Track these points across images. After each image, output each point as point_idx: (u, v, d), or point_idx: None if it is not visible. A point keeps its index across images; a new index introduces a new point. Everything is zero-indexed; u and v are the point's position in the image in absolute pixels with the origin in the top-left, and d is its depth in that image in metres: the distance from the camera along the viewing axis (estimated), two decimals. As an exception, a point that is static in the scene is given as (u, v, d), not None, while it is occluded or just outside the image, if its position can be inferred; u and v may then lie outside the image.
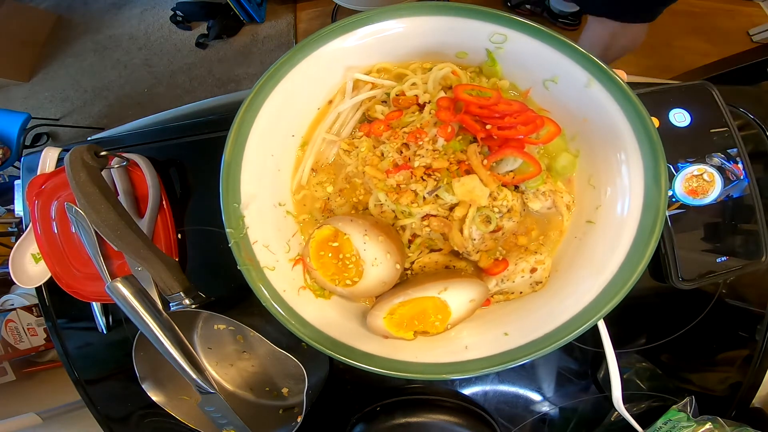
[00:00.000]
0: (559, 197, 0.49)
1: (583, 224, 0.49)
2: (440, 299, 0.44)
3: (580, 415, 0.61)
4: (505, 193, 0.47)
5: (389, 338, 0.46)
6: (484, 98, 0.46)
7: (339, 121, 0.53)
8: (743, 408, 0.60)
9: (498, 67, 0.50)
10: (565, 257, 0.50)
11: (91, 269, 0.59)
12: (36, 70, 2.44)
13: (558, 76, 0.47)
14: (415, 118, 0.50)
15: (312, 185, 0.53)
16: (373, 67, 0.53)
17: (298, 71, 0.48)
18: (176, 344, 0.47)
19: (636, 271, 0.42)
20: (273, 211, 0.50)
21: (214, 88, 2.19)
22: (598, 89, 0.44)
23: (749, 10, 1.98)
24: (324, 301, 0.49)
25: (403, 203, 0.46)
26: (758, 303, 0.59)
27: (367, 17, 0.47)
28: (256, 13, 2.14)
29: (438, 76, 0.51)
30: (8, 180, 1.89)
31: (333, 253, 0.46)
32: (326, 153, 0.54)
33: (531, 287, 0.50)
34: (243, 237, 0.46)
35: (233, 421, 0.52)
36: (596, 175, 0.48)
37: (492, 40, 0.47)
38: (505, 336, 0.46)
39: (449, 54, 0.51)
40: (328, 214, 0.53)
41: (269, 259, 0.47)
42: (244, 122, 0.47)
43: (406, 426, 0.56)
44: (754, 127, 0.60)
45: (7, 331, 1.09)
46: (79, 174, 0.50)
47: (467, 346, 0.46)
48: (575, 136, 0.50)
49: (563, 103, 0.49)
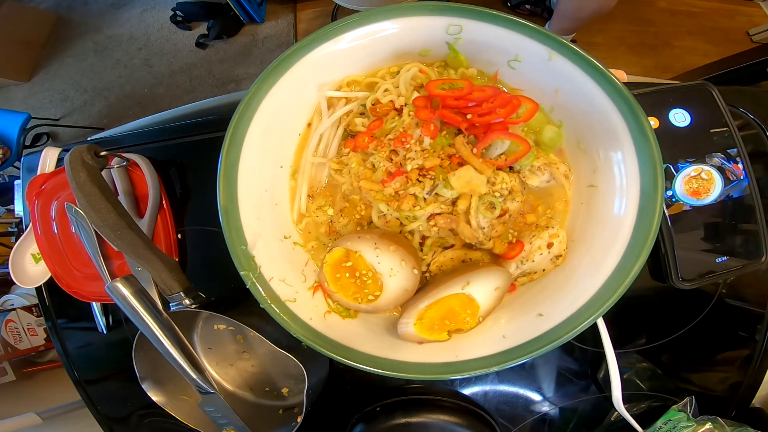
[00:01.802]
0: (555, 168, 0.50)
1: (585, 189, 0.50)
2: (465, 294, 0.44)
3: (580, 415, 0.61)
4: (501, 177, 0.47)
5: (424, 343, 0.45)
6: (457, 89, 0.47)
7: (323, 143, 0.53)
8: (743, 408, 0.60)
9: (461, 57, 0.51)
10: (577, 225, 0.50)
11: (91, 269, 0.59)
12: (36, 70, 2.44)
13: (520, 55, 0.48)
14: (396, 122, 0.50)
15: (312, 211, 0.53)
16: (342, 81, 0.53)
17: (270, 100, 0.48)
18: (176, 344, 0.47)
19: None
20: (281, 245, 0.50)
21: (214, 88, 2.19)
22: (561, 61, 0.46)
23: (749, 10, 1.98)
24: (352, 321, 0.49)
25: (405, 209, 0.46)
26: (758, 303, 0.59)
27: (326, 33, 0.47)
28: (256, 13, 2.14)
29: (407, 78, 0.51)
30: (8, 180, 1.89)
31: (349, 273, 0.46)
32: (318, 177, 0.54)
33: (552, 262, 0.49)
34: (258, 276, 0.45)
35: (233, 421, 0.52)
36: (585, 140, 0.49)
37: (449, 33, 0.48)
38: (540, 317, 0.45)
39: (413, 54, 0.52)
40: (334, 236, 0.52)
41: (288, 292, 0.47)
42: (229, 164, 0.46)
43: (406, 426, 0.56)
44: (754, 127, 0.60)
45: (7, 331, 1.09)
46: (79, 174, 0.50)
47: (504, 335, 0.45)
48: (553, 108, 0.51)
49: (533, 79, 0.50)
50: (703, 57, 1.87)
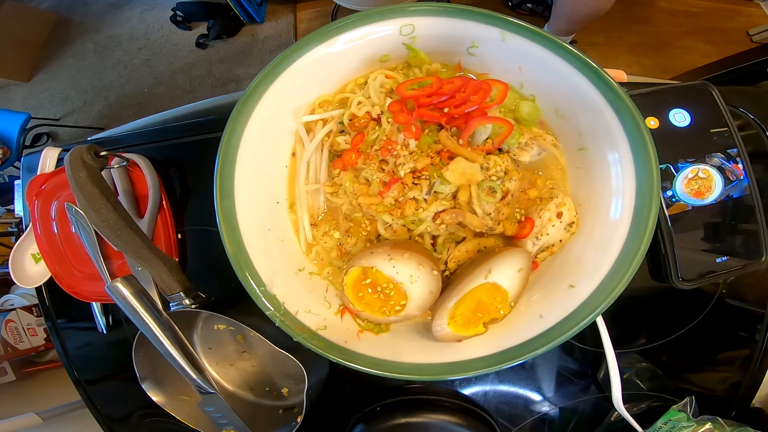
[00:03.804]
0: (542, 140, 0.50)
1: (577, 153, 0.50)
2: (490, 283, 0.44)
3: (580, 415, 0.61)
4: (494, 160, 0.47)
5: (463, 341, 0.45)
6: (427, 87, 0.48)
7: (311, 169, 0.53)
8: (743, 408, 0.60)
9: (421, 54, 0.52)
10: (581, 189, 0.51)
11: (91, 269, 0.59)
12: (36, 70, 2.44)
13: (475, 41, 0.49)
14: (378, 132, 0.50)
15: (319, 239, 0.53)
16: (314, 103, 0.53)
17: (247, 140, 0.48)
18: (176, 344, 0.47)
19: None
20: (297, 278, 0.50)
21: (214, 88, 2.19)
22: (515, 39, 0.47)
23: (749, 10, 1.98)
24: (385, 335, 0.49)
25: (409, 214, 0.46)
26: (758, 303, 0.59)
27: (285, 58, 0.48)
28: (256, 13, 2.14)
29: (376, 86, 0.51)
30: (8, 180, 1.89)
31: (371, 289, 0.46)
32: (316, 203, 0.54)
33: (567, 231, 0.49)
34: (284, 313, 0.46)
35: (233, 422, 0.52)
36: (560, 107, 0.50)
37: (403, 33, 0.49)
38: (572, 288, 0.45)
39: (375, 61, 0.52)
40: (347, 258, 0.52)
41: (317, 321, 0.47)
42: (226, 211, 0.46)
43: (406, 426, 0.56)
44: (754, 127, 0.60)
45: (7, 331, 1.09)
46: (79, 174, 0.50)
47: (541, 315, 0.45)
48: (522, 84, 0.51)
49: (495, 61, 0.51)
50: (703, 57, 1.87)
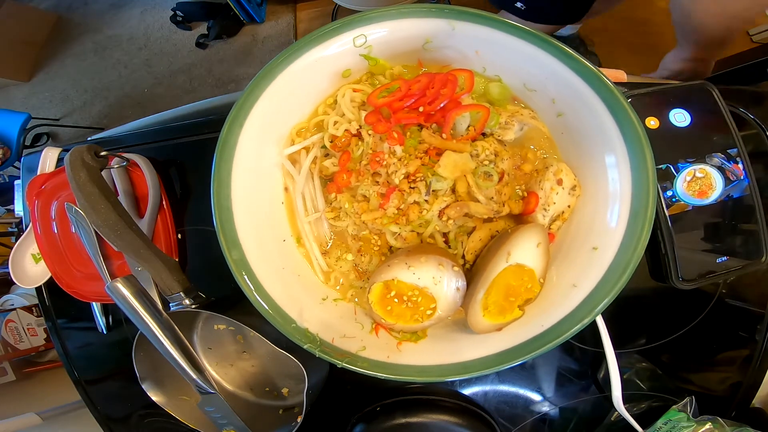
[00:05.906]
0: (520, 116, 0.51)
1: (556, 120, 0.51)
2: (513, 265, 0.44)
3: (580, 415, 0.61)
4: (481, 145, 0.48)
5: (503, 329, 0.45)
6: (397, 91, 0.49)
7: (308, 200, 0.54)
8: (743, 408, 0.60)
9: (381, 61, 0.53)
10: (570, 152, 0.51)
11: (91, 269, 0.59)
12: (36, 70, 2.44)
13: (428, 36, 0.50)
14: (362, 147, 0.50)
15: (334, 265, 0.53)
16: (291, 133, 0.54)
17: (237, 186, 0.48)
18: (176, 344, 0.47)
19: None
20: (324, 308, 0.51)
21: (214, 88, 2.19)
22: (462, 26, 0.48)
23: (749, 10, 1.98)
24: (425, 341, 0.49)
25: (414, 218, 0.47)
26: (758, 303, 0.59)
27: (251, 92, 0.48)
28: (256, 13, 2.14)
29: (347, 102, 0.52)
30: (8, 180, 1.89)
31: (398, 300, 0.46)
32: (322, 232, 0.54)
33: (572, 195, 0.50)
34: (321, 343, 0.46)
35: (233, 422, 0.52)
36: (527, 81, 0.50)
37: (357, 45, 0.50)
38: (595, 250, 0.45)
39: (338, 78, 0.53)
40: (365, 276, 0.52)
41: (355, 344, 0.47)
42: (238, 263, 0.46)
43: (406, 426, 0.56)
44: (754, 127, 0.60)
45: (7, 331, 1.10)
46: (79, 174, 0.50)
47: (575, 284, 0.45)
48: (484, 68, 0.52)
49: (452, 52, 0.51)
50: (703, 57, 1.87)
